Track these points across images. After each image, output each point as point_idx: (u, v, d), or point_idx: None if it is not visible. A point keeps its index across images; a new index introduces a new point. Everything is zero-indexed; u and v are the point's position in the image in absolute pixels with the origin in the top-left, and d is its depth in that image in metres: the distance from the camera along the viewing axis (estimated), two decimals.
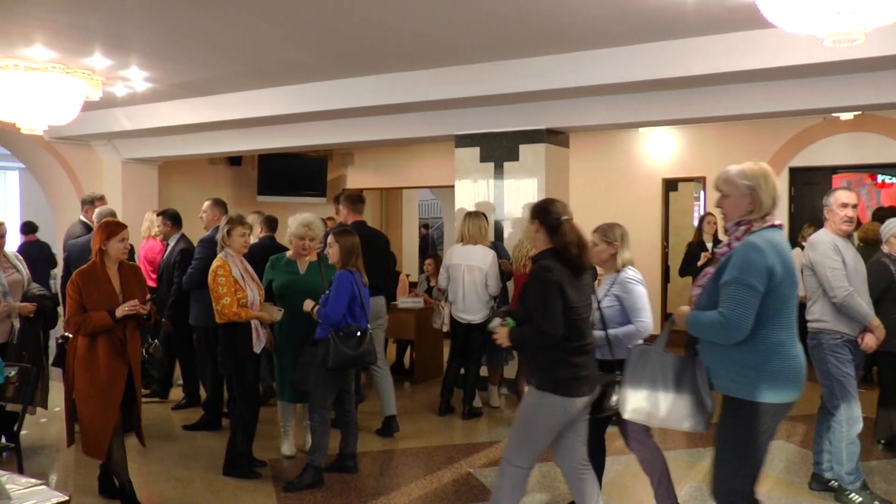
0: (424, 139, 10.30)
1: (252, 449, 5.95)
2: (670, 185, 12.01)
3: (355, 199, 7.33)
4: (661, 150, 11.59)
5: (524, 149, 8.44)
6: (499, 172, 8.62)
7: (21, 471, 4.95)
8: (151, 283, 7.71)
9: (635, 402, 3.92)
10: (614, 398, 4.32)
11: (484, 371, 8.02)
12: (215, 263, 5.70)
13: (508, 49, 7.02)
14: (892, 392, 6.35)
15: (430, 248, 18.32)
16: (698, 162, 11.35)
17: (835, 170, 11.23)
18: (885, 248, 6.19)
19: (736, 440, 3.58)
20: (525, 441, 4.21)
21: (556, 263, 4.06)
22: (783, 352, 3.48)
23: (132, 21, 6.09)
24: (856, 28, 3.66)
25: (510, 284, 7.95)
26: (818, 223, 6.44)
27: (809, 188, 10.77)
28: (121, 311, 4.96)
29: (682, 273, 8.78)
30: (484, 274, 7.33)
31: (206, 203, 7.43)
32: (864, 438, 5.45)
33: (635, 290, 4.62)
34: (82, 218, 8.31)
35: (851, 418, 5.21)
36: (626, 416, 4.00)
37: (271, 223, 7.56)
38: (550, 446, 4.31)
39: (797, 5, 3.56)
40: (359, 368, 6.24)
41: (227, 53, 7.16)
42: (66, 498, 3.25)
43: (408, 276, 11.37)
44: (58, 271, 10.10)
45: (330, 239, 5.74)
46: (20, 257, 6.29)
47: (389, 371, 7.22)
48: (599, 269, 5.13)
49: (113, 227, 5.12)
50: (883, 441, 6.49)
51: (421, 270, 12.21)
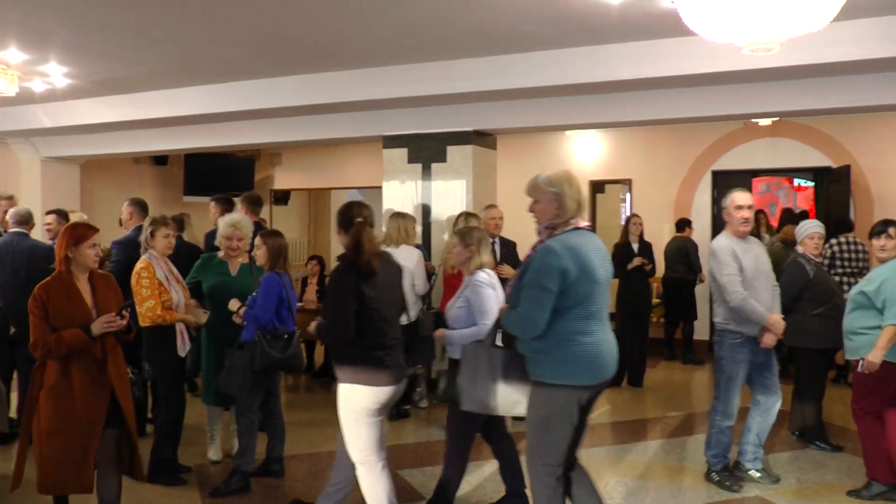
0: (353, 140, 10.29)
1: (177, 454, 5.85)
2: (597, 186, 12.19)
3: (254, 200, 7.42)
4: (588, 152, 11.77)
5: (452, 150, 8.49)
6: (427, 174, 8.65)
7: None
8: None
9: (470, 393, 4.18)
10: (418, 390, 4.55)
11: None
12: (139, 265, 5.56)
13: (437, 50, 7.05)
14: (806, 386, 6.64)
15: None
16: (625, 164, 11.57)
17: (754, 173, 11.57)
18: (800, 249, 6.49)
19: (539, 418, 3.94)
20: (351, 436, 4.35)
21: (354, 264, 4.23)
22: (578, 339, 3.82)
23: (50, 14, 5.94)
24: (772, 38, 3.77)
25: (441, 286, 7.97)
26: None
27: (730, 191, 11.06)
28: (98, 328, 4.22)
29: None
30: (410, 274, 7.33)
31: (125, 203, 7.26)
32: (780, 430, 5.82)
33: (483, 293, 4.72)
34: None
35: (726, 412, 5.56)
36: (464, 407, 4.22)
37: (178, 224, 7.45)
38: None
39: (716, 15, 3.65)
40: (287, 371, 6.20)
41: (151, 50, 7.03)
42: None
43: None
44: None
45: (257, 240, 5.68)
46: None
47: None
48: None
49: (83, 231, 4.38)
50: (797, 432, 6.73)
51: None
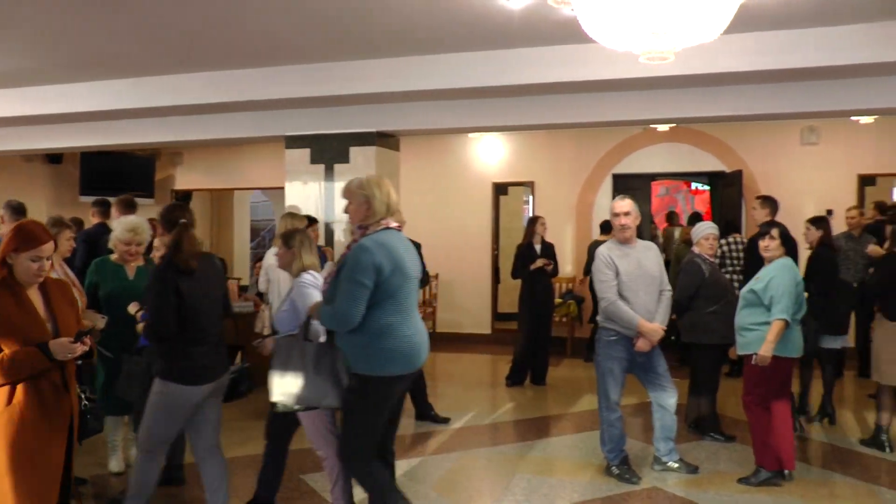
0: (255, 139, 10.16)
1: (72, 466, 5.65)
2: (500, 188, 12.35)
3: (128, 203, 7.26)
4: (491, 154, 11.92)
5: (355, 151, 8.48)
6: (329, 174, 8.61)
7: None
8: None
9: (281, 387, 4.27)
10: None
11: None
12: None
13: (340, 50, 7.04)
14: (701, 380, 6.91)
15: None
16: (527, 167, 11.75)
17: (653, 177, 11.95)
18: (696, 249, 6.75)
19: (355, 407, 4.17)
20: (154, 428, 4.47)
21: (172, 262, 4.35)
22: (392, 332, 4.08)
23: None
24: (667, 48, 3.90)
25: None
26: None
27: (631, 193, 11.35)
28: (60, 351, 3.47)
29: (514, 275, 9.05)
30: None
31: (2, 206, 6.94)
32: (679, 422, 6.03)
33: (308, 294, 4.76)
34: None
35: (609, 406, 5.80)
36: (274, 399, 4.32)
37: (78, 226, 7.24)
38: (185, 430, 4.63)
39: (614, 24, 3.76)
40: None
41: (43, 43, 6.80)
42: None
43: (238, 279, 11.12)
44: None
45: (156, 242, 5.54)
46: None
47: None
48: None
49: (27, 236, 3.56)
50: (692, 424, 7.00)
51: (251, 274, 11.98)
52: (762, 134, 10.80)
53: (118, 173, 12.72)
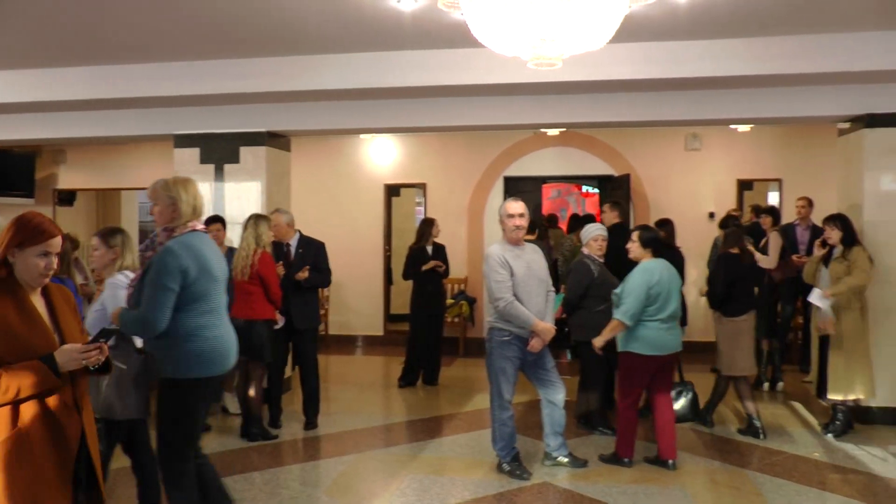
0: (142, 138, 9.88)
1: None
2: (392, 190, 12.36)
3: None
4: (383, 156, 11.92)
5: (245, 151, 8.34)
6: (219, 175, 8.44)
7: None
8: None
9: (95, 398, 4.18)
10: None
11: None
12: None
13: (229, 48, 6.92)
14: (590, 376, 7.13)
15: None
16: (420, 168, 11.80)
17: (544, 180, 12.17)
18: (585, 250, 6.95)
19: (168, 411, 4.19)
20: None
21: None
22: (200, 335, 4.12)
23: None
24: (555, 54, 3.99)
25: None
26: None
27: (523, 196, 11.54)
28: (68, 359, 3.01)
29: (406, 276, 9.07)
30: None
31: None
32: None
33: (120, 296, 4.66)
34: None
35: (502, 405, 5.92)
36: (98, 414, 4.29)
37: None
38: None
39: (502, 29, 3.82)
40: None
41: None
42: None
43: None
44: None
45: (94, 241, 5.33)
46: None
47: None
48: None
49: (34, 229, 3.08)
50: (582, 419, 7.21)
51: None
52: (649, 139, 11.16)
53: None
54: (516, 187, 11.37)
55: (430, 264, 8.94)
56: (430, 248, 9.07)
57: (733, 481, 5.90)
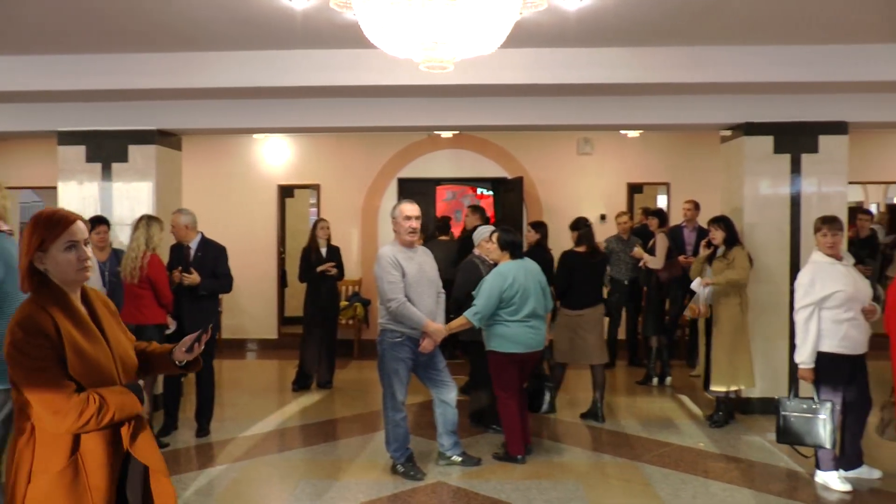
0: (24, 134, 9.44)
1: None
2: (286, 191, 12.22)
3: None
4: (276, 156, 11.75)
5: (134, 150, 8.08)
6: (107, 174, 8.15)
7: None
8: None
9: None
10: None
11: None
12: None
13: (118, 42, 6.70)
14: (480, 376, 7.20)
15: None
16: (313, 169, 11.68)
17: (438, 182, 12.22)
18: (476, 251, 7.03)
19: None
20: None
21: None
22: None
23: None
24: (447, 58, 4.03)
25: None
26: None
27: (417, 198, 11.58)
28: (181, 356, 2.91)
29: (301, 278, 8.97)
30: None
31: None
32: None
33: None
34: None
35: (395, 406, 5.95)
36: None
37: None
38: None
39: (394, 31, 3.84)
40: None
41: None
42: None
43: None
44: None
45: None
46: None
47: None
48: None
49: (48, 223, 2.73)
50: (474, 418, 7.31)
51: None
52: (541, 143, 11.36)
53: None
54: (410, 189, 11.39)
55: (324, 266, 8.86)
56: (324, 250, 8.99)
57: (624, 474, 6.10)
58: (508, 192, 11.43)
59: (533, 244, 8.40)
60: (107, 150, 8.12)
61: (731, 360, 7.18)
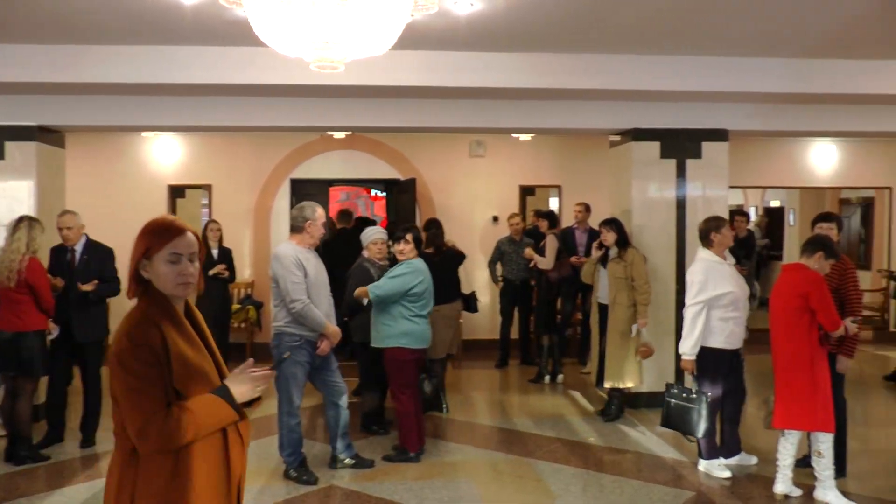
0: None
1: None
2: (177, 191, 11.92)
3: None
4: (166, 155, 11.41)
5: (12, 146, 7.71)
6: None
7: None
8: None
9: None
10: None
11: None
12: None
13: None
14: (369, 378, 7.27)
15: None
16: (205, 169, 11.41)
17: (331, 182, 12.14)
18: (365, 254, 7.00)
19: None
20: None
21: None
22: None
23: None
24: (338, 58, 4.01)
25: None
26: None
27: (310, 199, 11.48)
28: (251, 389, 2.72)
29: None
30: None
31: None
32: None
33: None
34: None
35: (291, 412, 5.91)
36: None
37: None
38: None
39: (284, 29, 3.80)
40: None
41: None
42: None
43: None
44: None
45: None
46: None
47: None
48: None
49: (154, 231, 2.61)
50: (367, 421, 7.27)
51: None
52: (434, 145, 11.40)
53: None
54: (303, 190, 11.27)
55: (216, 269, 8.69)
56: (215, 252, 8.80)
57: (516, 470, 6.21)
58: (402, 194, 11.45)
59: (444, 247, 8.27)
60: None
61: (623, 356, 7.39)
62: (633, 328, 7.34)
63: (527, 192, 12.19)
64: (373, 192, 15.26)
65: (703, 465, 6.10)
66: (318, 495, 5.67)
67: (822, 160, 12.33)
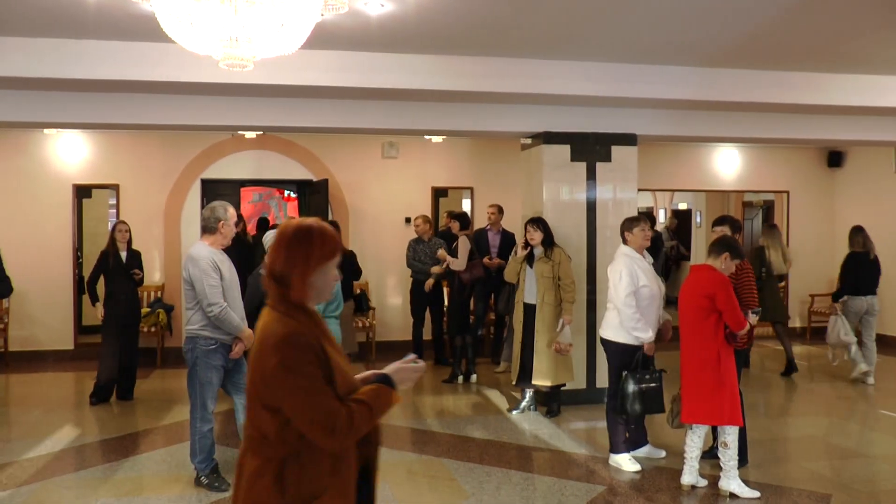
0: None
1: None
2: (83, 191, 11.58)
3: None
4: (71, 154, 11.06)
5: None
6: None
7: None
8: None
9: None
10: None
11: None
12: None
13: None
14: None
15: None
16: (112, 169, 11.12)
17: (243, 183, 11.98)
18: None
19: None
20: None
21: None
22: None
23: None
24: (246, 56, 3.97)
25: None
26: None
27: (222, 199, 11.29)
28: (411, 378, 2.76)
29: (89, 285, 8.53)
30: None
31: None
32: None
33: None
34: None
35: (205, 417, 5.78)
36: None
37: None
38: None
39: (191, 26, 3.74)
40: None
41: None
42: None
43: None
44: None
45: None
46: None
47: None
48: None
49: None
50: None
51: None
52: (347, 146, 11.37)
53: None
54: (214, 190, 11.08)
55: (136, 271, 8.49)
56: (123, 255, 8.57)
57: (429, 470, 6.25)
58: (314, 195, 11.37)
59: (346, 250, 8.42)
60: None
61: (552, 356, 7.48)
62: (560, 323, 7.43)
63: (439, 193, 12.27)
64: (286, 192, 15.13)
65: (614, 460, 6.27)
66: (229, 502, 5.57)
67: (727, 165, 12.81)
